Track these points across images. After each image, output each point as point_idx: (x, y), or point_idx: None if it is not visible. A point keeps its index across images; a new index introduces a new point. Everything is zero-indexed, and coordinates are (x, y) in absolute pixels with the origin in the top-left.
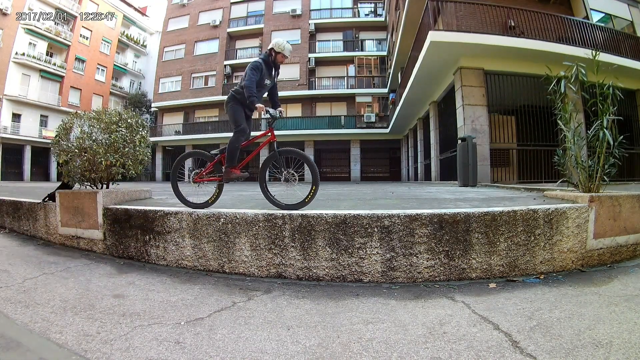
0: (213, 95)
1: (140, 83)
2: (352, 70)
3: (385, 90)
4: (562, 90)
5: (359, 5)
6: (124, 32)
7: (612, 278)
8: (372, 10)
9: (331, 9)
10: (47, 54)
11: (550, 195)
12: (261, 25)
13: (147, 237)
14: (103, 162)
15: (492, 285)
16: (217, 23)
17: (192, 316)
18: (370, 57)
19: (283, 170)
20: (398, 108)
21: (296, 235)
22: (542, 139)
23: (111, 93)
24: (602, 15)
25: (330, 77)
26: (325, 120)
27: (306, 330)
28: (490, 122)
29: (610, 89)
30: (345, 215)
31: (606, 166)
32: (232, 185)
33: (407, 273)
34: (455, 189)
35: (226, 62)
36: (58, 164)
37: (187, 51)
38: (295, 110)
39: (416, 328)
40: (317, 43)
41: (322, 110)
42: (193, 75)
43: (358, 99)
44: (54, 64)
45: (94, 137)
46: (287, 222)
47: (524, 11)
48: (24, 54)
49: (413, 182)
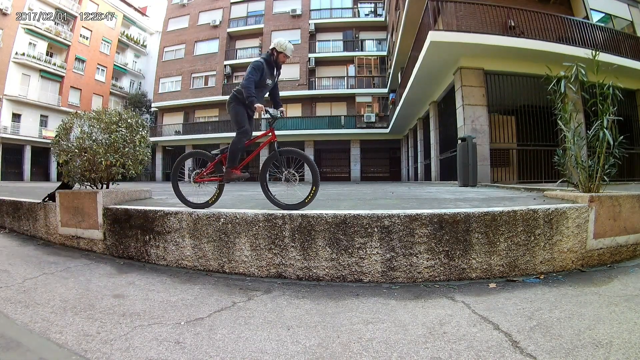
0: (213, 95)
1: (140, 83)
2: (352, 70)
3: (385, 90)
4: (562, 90)
5: (359, 5)
6: (124, 32)
7: (612, 278)
8: (372, 10)
9: (331, 9)
10: (47, 54)
11: (550, 195)
12: (261, 25)
13: (147, 237)
14: (103, 162)
15: (492, 285)
16: (217, 23)
17: (192, 316)
18: (370, 57)
19: (284, 170)
20: (398, 108)
21: (296, 235)
22: (542, 139)
23: (111, 93)
24: (602, 15)
25: (330, 77)
26: (325, 120)
27: (306, 330)
28: (490, 122)
29: (610, 89)
30: (345, 215)
31: (606, 166)
32: (232, 186)
33: (407, 273)
34: (455, 189)
35: (226, 62)
36: (58, 164)
37: (187, 51)
38: (295, 110)
39: (416, 328)
40: (317, 43)
41: (322, 110)
42: (193, 75)
43: (358, 99)
44: (54, 64)
45: (94, 137)
46: (287, 222)
47: (524, 11)
48: (24, 54)
49: (413, 182)
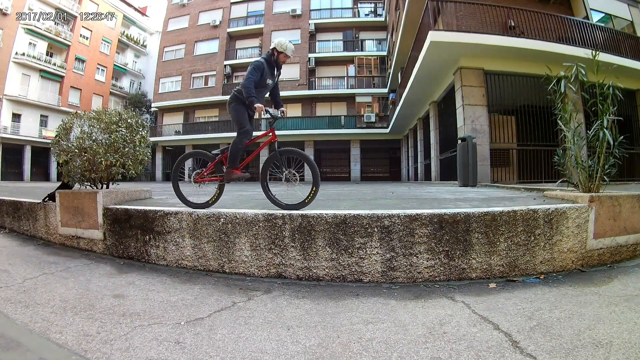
0: (213, 95)
1: (140, 83)
2: (352, 70)
3: (385, 90)
4: (562, 90)
5: (359, 5)
6: (124, 32)
7: (612, 278)
8: (372, 10)
9: (331, 9)
10: (47, 54)
11: (550, 195)
12: (261, 25)
13: (147, 237)
14: (103, 162)
15: (492, 285)
16: (217, 23)
17: (192, 316)
18: (370, 57)
19: (284, 170)
20: (398, 108)
21: (296, 235)
22: (542, 139)
23: (111, 93)
24: (602, 15)
25: (330, 77)
26: (325, 120)
27: (306, 330)
28: (490, 122)
29: (610, 89)
30: (345, 215)
31: (606, 166)
32: (232, 186)
33: (407, 273)
34: (455, 189)
35: (226, 62)
36: (58, 164)
37: (187, 51)
38: (295, 110)
39: (416, 328)
40: (317, 43)
41: (322, 110)
42: (193, 75)
43: (358, 99)
44: (54, 64)
45: (94, 137)
46: (287, 222)
47: (524, 11)
48: (24, 54)
49: (413, 182)
